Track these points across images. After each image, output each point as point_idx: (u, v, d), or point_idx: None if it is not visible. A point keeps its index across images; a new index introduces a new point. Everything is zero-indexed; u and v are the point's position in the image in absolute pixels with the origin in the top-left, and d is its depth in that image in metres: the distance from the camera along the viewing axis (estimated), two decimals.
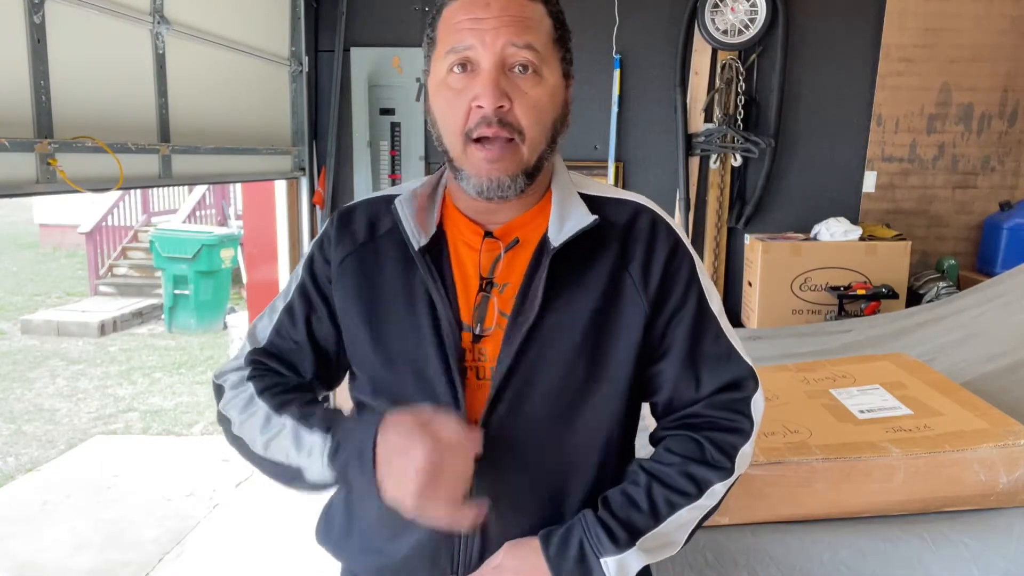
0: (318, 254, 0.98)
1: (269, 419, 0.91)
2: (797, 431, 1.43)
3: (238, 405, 0.95)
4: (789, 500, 1.31)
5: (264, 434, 0.90)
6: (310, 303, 0.98)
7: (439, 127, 0.88)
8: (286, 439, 0.88)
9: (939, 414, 1.45)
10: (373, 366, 0.94)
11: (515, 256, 0.92)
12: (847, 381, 1.69)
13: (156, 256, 7.14)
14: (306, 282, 0.98)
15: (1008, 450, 1.29)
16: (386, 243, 0.94)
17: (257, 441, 0.91)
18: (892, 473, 1.29)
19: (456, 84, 0.84)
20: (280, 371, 0.98)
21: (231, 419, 0.95)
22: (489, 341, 0.89)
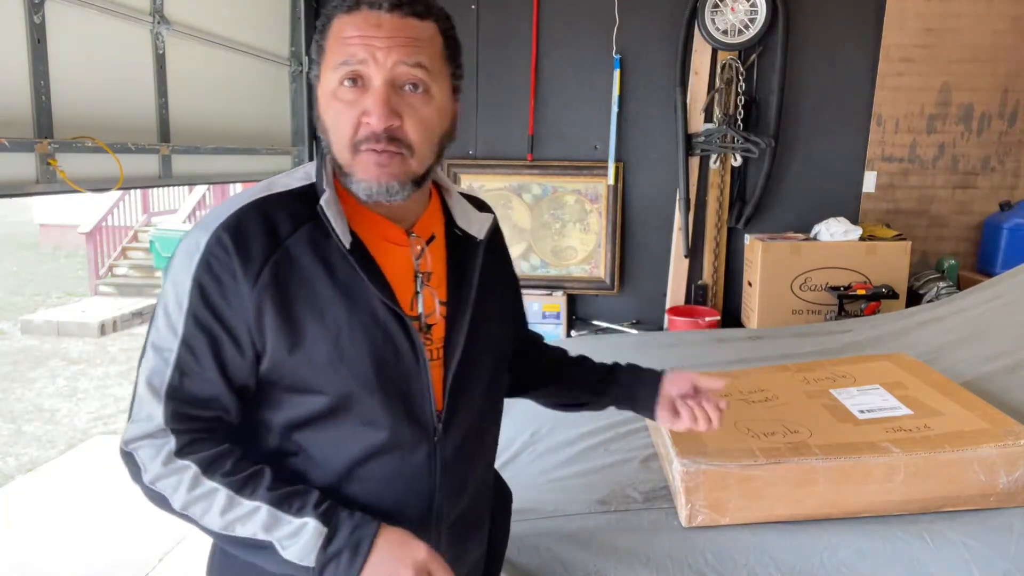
0: (209, 278, 0.87)
1: (233, 502, 0.86)
2: (797, 431, 1.43)
3: (179, 486, 0.87)
4: (789, 500, 1.31)
5: (226, 516, 0.86)
6: (212, 335, 0.88)
7: (329, 135, 0.91)
8: (258, 521, 0.86)
9: (939, 414, 1.45)
10: (325, 373, 0.90)
11: (431, 249, 1.01)
12: (847, 381, 1.69)
13: (156, 256, 7.15)
14: (199, 312, 0.87)
15: (1008, 450, 1.29)
16: (296, 247, 0.90)
17: (215, 521, 0.87)
18: (892, 473, 1.29)
19: (346, 97, 0.88)
20: (203, 428, 0.90)
21: (168, 498, 0.88)
22: (434, 327, 0.99)
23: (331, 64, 0.89)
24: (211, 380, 0.89)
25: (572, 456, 1.69)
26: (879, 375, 1.71)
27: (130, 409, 0.92)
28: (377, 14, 0.87)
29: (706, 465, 1.31)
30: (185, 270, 0.88)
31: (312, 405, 0.92)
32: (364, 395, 0.92)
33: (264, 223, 0.89)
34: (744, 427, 1.47)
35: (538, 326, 3.63)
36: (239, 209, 0.90)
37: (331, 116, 0.90)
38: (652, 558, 1.26)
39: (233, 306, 0.87)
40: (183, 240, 0.91)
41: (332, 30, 0.90)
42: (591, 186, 3.67)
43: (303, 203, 0.92)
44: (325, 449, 0.93)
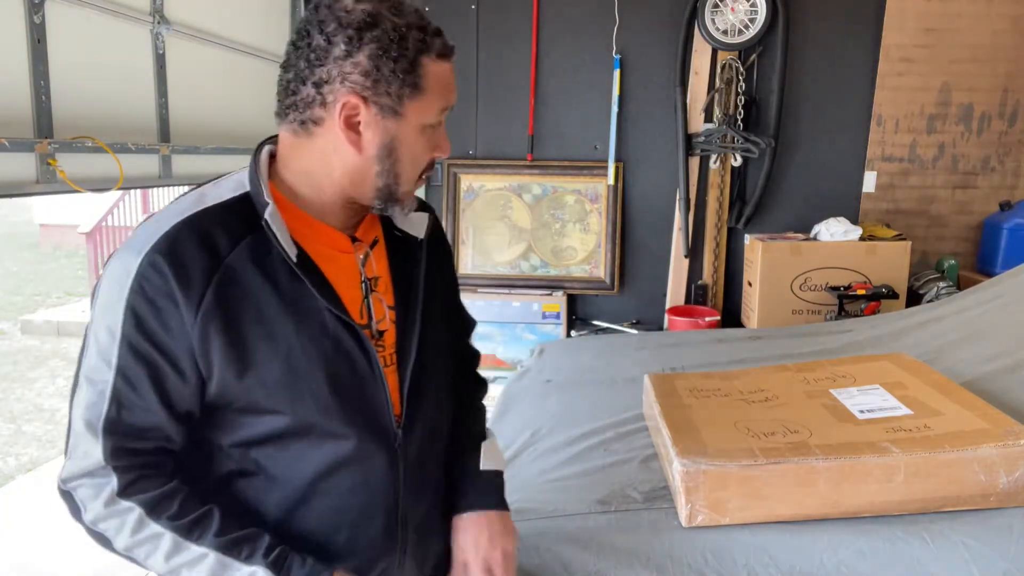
0: (144, 304, 0.83)
1: (179, 547, 0.84)
2: (797, 431, 1.43)
3: (122, 527, 0.84)
4: (789, 500, 1.31)
5: (171, 560, 0.84)
6: (149, 363, 0.84)
7: (403, 165, 0.92)
8: (204, 568, 0.84)
9: (939, 414, 1.45)
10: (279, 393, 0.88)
11: (374, 254, 1.01)
12: (847, 381, 1.69)
13: None
14: (134, 340, 0.83)
15: (1008, 450, 1.29)
16: (238, 264, 0.86)
17: (159, 565, 0.85)
18: (892, 473, 1.29)
19: (430, 134, 0.93)
20: (146, 462, 0.87)
21: (111, 539, 0.85)
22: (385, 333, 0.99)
23: (432, 106, 0.90)
24: (151, 410, 0.85)
25: (572, 456, 1.69)
26: (879, 375, 1.71)
27: (66, 444, 0.87)
28: (453, 60, 0.94)
29: (706, 465, 1.31)
30: (115, 296, 0.83)
31: (268, 425, 0.90)
32: (321, 410, 0.90)
33: (201, 241, 0.85)
34: (744, 427, 1.47)
35: (538, 326, 3.63)
36: (172, 228, 0.85)
37: (416, 150, 0.92)
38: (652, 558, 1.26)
39: (173, 332, 0.83)
40: (109, 264, 0.86)
41: (431, 71, 0.88)
42: (591, 186, 3.67)
43: (239, 216, 0.89)
44: (285, 466, 0.91)
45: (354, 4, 0.86)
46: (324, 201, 0.93)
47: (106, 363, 0.84)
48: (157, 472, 0.88)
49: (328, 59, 0.85)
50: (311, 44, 0.86)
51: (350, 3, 0.86)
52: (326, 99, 0.87)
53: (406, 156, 0.91)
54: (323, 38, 0.85)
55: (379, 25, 0.85)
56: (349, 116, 0.87)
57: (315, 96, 0.87)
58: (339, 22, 0.85)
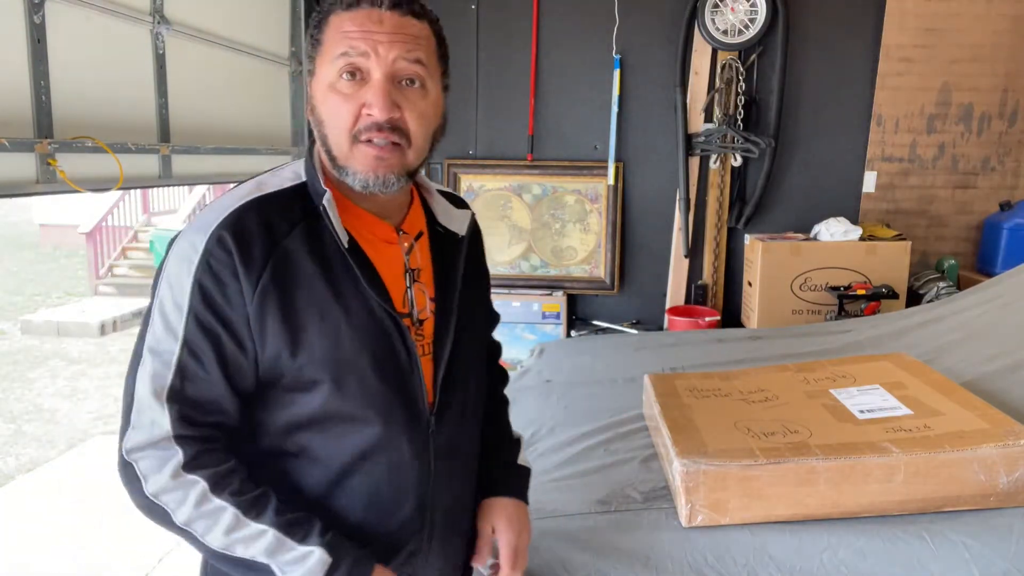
0: (210, 279, 0.86)
1: (240, 522, 0.87)
2: (797, 431, 1.43)
3: (185, 500, 0.86)
4: (789, 500, 1.31)
5: (231, 535, 0.86)
6: (215, 336, 0.87)
7: (325, 127, 0.93)
8: (262, 544, 0.87)
9: (939, 414, 1.45)
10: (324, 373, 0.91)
11: (418, 246, 1.04)
12: (847, 381, 1.69)
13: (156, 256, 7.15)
14: (201, 313, 0.87)
15: (1008, 450, 1.29)
16: (294, 245, 0.91)
17: (216, 539, 0.86)
18: (892, 473, 1.29)
19: (346, 89, 0.91)
20: (208, 436, 0.89)
21: (172, 512, 0.87)
22: (425, 323, 1.02)
23: (329, 57, 0.91)
24: (215, 382, 0.88)
25: (572, 456, 1.69)
26: (879, 375, 1.71)
27: (126, 416, 0.89)
28: (378, 11, 0.90)
29: (706, 465, 1.31)
30: (184, 271, 0.87)
31: (311, 404, 0.92)
32: (363, 393, 0.93)
33: (262, 223, 0.90)
34: (744, 427, 1.48)
35: (538, 326, 3.63)
36: (236, 209, 0.90)
37: (328, 108, 0.92)
38: (652, 558, 1.26)
39: (235, 307, 0.87)
40: (176, 243, 0.90)
41: (331, 25, 0.92)
42: (591, 186, 3.67)
43: (296, 202, 0.93)
44: (325, 447, 0.94)
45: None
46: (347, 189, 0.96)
47: (172, 335, 0.87)
48: (217, 447, 0.90)
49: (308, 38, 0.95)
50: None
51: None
52: None
53: (324, 114, 0.92)
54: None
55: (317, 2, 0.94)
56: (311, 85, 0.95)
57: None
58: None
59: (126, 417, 0.89)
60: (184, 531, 0.87)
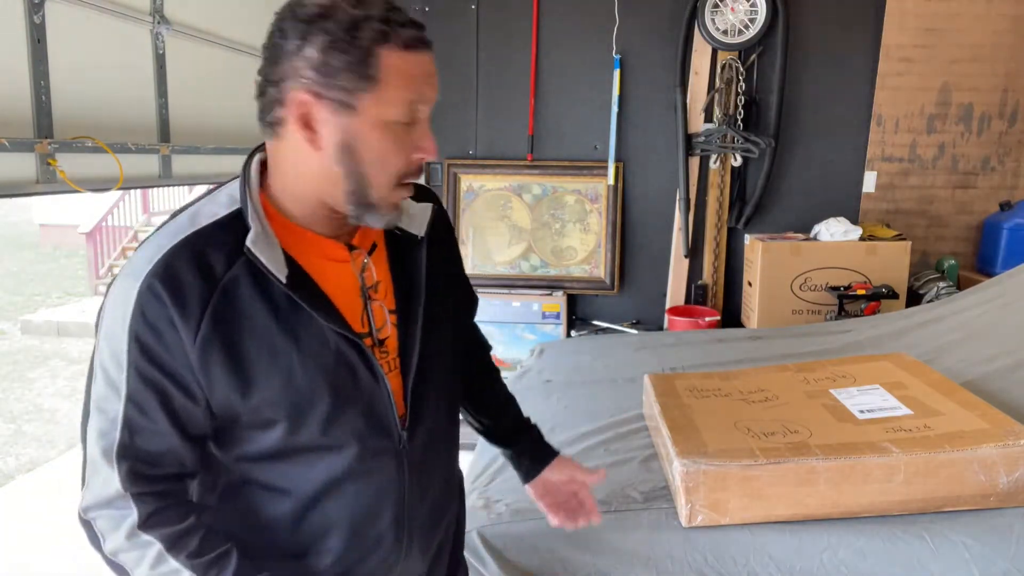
0: (146, 329, 0.82)
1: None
2: (797, 431, 1.43)
3: (141, 561, 0.84)
4: (789, 500, 1.31)
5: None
6: (158, 388, 0.83)
7: (367, 166, 0.85)
8: None
9: (939, 414, 1.45)
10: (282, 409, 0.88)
11: (373, 259, 0.98)
12: (847, 381, 1.69)
13: None
14: (141, 367, 0.82)
15: (1008, 450, 1.29)
16: (233, 286, 0.85)
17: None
18: (892, 473, 1.29)
19: (401, 132, 0.85)
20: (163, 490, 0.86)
21: (129, 571, 0.86)
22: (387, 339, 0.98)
23: (390, 98, 0.83)
24: (163, 434, 0.85)
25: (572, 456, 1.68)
26: (879, 375, 1.71)
27: (83, 474, 0.88)
28: (428, 53, 0.86)
29: (706, 465, 1.31)
30: (119, 323, 0.82)
31: (272, 439, 0.89)
32: (324, 424, 0.90)
33: (196, 265, 0.83)
34: (744, 427, 1.47)
35: (538, 326, 3.63)
36: (167, 253, 0.83)
37: (382, 149, 0.85)
38: (652, 558, 1.26)
39: (176, 356, 0.83)
40: (110, 291, 0.86)
41: (384, 61, 0.81)
42: (591, 186, 3.67)
43: (233, 234, 0.86)
44: (292, 478, 0.92)
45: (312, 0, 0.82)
46: (307, 210, 0.90)
47: (115, 391, 0.84)
48: (175, 502, 0.87)
49: (282, 56, 0.82)
50: (271, 43, 0.84)
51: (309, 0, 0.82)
52: (284, 98, 0.83)
53: (369, 156, 0.84)
54: (279, 35, 0.83)
55: (331, 17, 0.80)
56: (303, 114, 0.83)
57: (275, 96, 0.84)
58: (294, 16, 0.82)
59: (83, 474, 0.88)
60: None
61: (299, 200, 0.89)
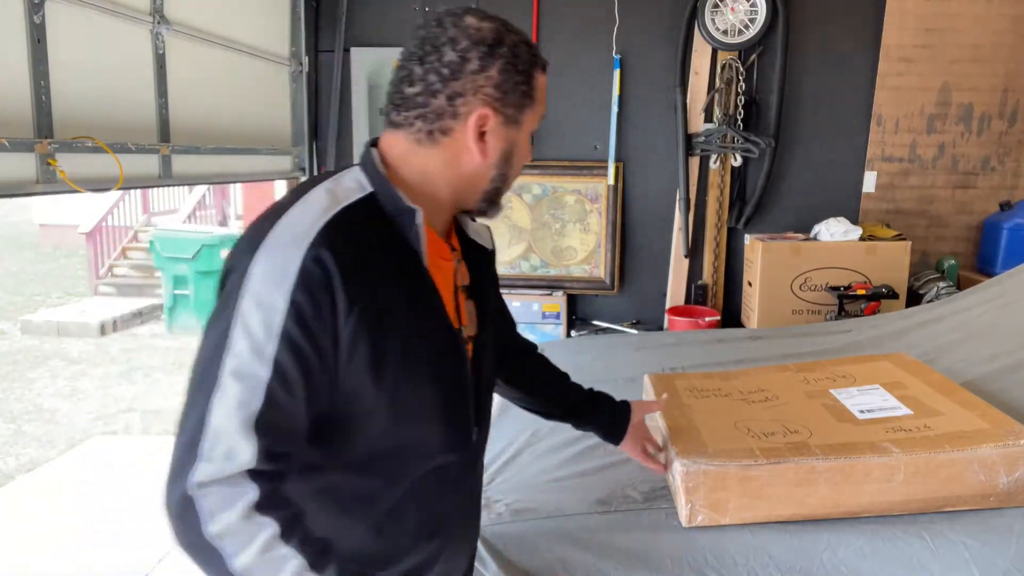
0: (307, 299, 0.81)
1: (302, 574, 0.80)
2: (797, 431, 1.43)
3: (250, 544, 0.78)
4: (789, 500, 1.31)
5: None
6: (306, 361, 0.82)
7: (511, 169, 1.00)
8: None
9: (939, 414, 1.45)
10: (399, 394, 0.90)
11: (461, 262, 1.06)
12: (847, 381, 1.69)
13: (156, 256, 7.14)
14: (296, 336, 0.81)
15: (1008, 450, 1.29)
16: (380, 265, 0.88)
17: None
18: (892, 473, 1.29)
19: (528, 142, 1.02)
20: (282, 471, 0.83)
21: (228, 556, 0.78)
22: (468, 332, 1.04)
23: (538, 114, 0.99)
24: (299, 412, 0.83)
25: (572, 456, 1.69)
26: (879, 375, 1.71)
27: (191, 448, 0.79)
28: None
29: (706, 465, 1.31)
30: (276, 290, 0.81)
31: (380, 427, 0.91)
32: (432, 414, 0.96)
33: (355, 240, 0.86)
34: (744, 427, 1.47)
35: (538, 326, 3.63)
36: (327, 225, 0.85)
37: (524, 155, 1.01)
38: (652, 558, 1.26)
39: (327, 329, 0.83)
40: (263, 257, 0.83)
41: (538, 84, 0.98)
42: (591, 186, 3.67)
43: (373, 216, 0.90)
44: (392, 468, 0.95)
45: (479, 22, 0.93)
46: (435, 206, 0.97)
47: (260, 358, 0.80)
48: (286, 486, 0.83)
49: (463, 74, 0.91)
50: (443, 59, 0.91)
51: (475, 22, 0.93)
52: (458, 110, 0.92)
53: (518, 161, 1.00)
54: (456, 54, 0.91)
55: (504, 42, 0.93)
56: (480, 127, 0.93)
57: (447, 108, 0.92)
58: (471, 39, 0.91)
59: (190, 449, 0.79)
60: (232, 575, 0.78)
61: (432, 196, 0.97)
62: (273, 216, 0.87)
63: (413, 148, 0.95)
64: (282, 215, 0.87)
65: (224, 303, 0.84)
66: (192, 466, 0.78)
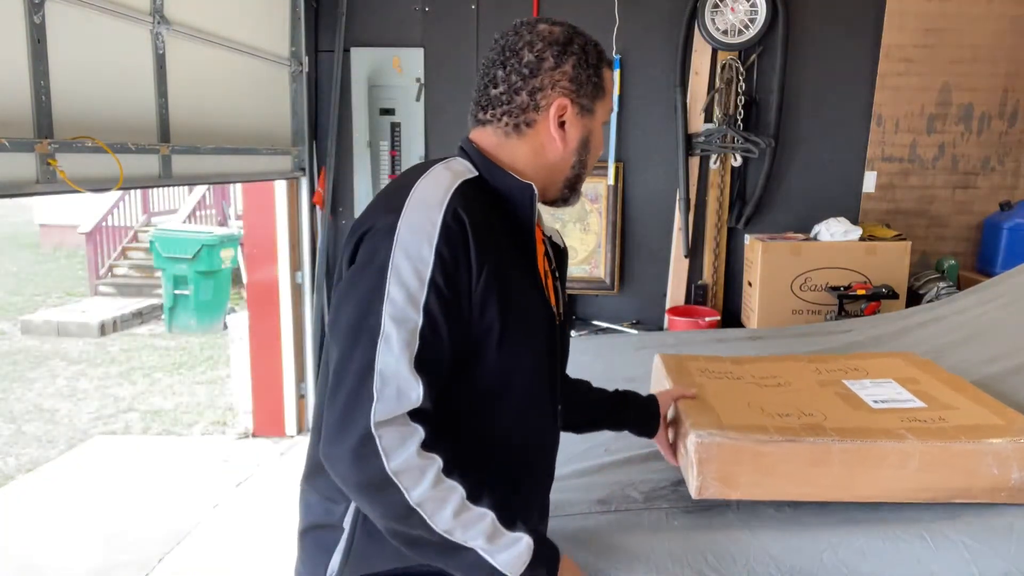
0: (449, 252, 0.92)
1: (464, 504, 0.90)
2: (812, 414, 1.43)
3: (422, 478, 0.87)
4: (801, 479, 1.30)
5: (459, 516, 0.89)
6: (450, 308, 0.92)
7: (589, 155, 1.11)
8: (481, 527, 0.90)
9: (953, 408, 1.44)
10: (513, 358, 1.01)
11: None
12: (859, 374, 1.68)
13: (156, 256, 7.14)
14: (441, 284, 0.91)
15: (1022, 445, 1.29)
16: (499, 227, 1.01)
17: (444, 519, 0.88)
18: (907, 459, 1.28)
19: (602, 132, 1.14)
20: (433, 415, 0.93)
21: (406, 490, 0.87)
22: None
23: (607, 106, 1.11)
24: (445, 355, 0.93)
25: (572, 456, 1.69)
26: (891, 370, 1.70)
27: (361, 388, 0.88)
28: None
29: (721, 438, 1.30)
30: (424, 243, 0.91)
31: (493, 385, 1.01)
32: (535, 378, 1.06)
33: (480, 205, 0.98)
34: (758, 407, 1.46)
35: None
36: (459, 189, 0.97)
37: (599, 143, 1.13)
38: (652, 558, 1.26)
39: (463, 281, 0.93)
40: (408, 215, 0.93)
41: (607, 77, 1.10)
42: (591, 186, 3.67)
43: (487, 192, 1.03)
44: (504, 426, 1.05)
45: (550, 27, 1.05)
46: None
47: (415, 306, 0.90)
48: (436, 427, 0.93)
49: (541, 71, 1.04)
50: (523, 61, 1.04)
51: (547, 27, 1.05)
52: (539, 104, 1.04)
53: (595, 149, 1.11)
54: (533, 55, 1.03)
55: (574, 41, 1.06)
56: (560, 116, 1.05)
57: (529, 102, 1.04)
58: (545, 41, 1.04)
59: (360, 392, 0.88)
60: (411, 512, 0.87)
61: None
62: (407, 185, 0.98)
63: (502, 141, 1.07)
64: (414, 185, 0.98)
65: (370, 257, 0.93)
66: (369, 406, 0.87)
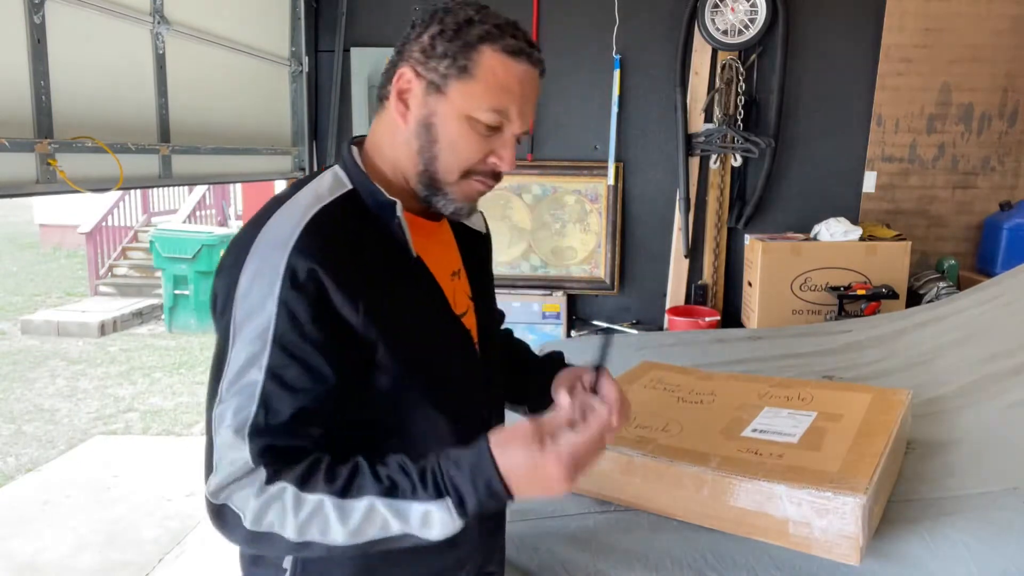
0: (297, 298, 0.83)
1: (343, 508, 0.81)
2: (671, 431, 1.47)
3: (285, 513, 0.80)
4: (614, 484, 1.40)
5: (348, 524, 0.80)
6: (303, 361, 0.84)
7: (439, 148, 0.91)
8: (378, 518, 0.81)
9: (819, 450, 1.36)
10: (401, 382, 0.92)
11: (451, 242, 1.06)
12: (796, 403, 1.61)
13: (156, 256, 7.14)
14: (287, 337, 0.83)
15: (815, 498, 1.21)
16: (368, 257, 0.89)
17: (339, 533, 0.80)
18: (701, 485, 1.30)
19: (482, 132, 0.91)
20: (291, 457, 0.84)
21: (278, 533, 0.81)
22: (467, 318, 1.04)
23: (480, 98, 0.89)
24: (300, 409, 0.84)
25: None
26: (837, 406, 1.58)
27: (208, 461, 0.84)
28: (534, 72, 0.92)
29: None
30: (266, 295, 0.82)
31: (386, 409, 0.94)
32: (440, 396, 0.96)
33: (337, 235, 0.87)
34: (655, 418, 1.53)
35: (538, 326, 3.63)
36: (310, 221, 0.86)
37: (457, 138, 0.91)
38: (652, 558, 1.26)
39: (324, 322, 0.84)
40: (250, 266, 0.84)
41: (485, 59, 0.88)
42: (591, 186, 3.67)
43: (356, 211, 0.91)
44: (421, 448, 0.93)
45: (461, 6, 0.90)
46: (402, 185, 0.96)
47: (257, 366, 0.82)
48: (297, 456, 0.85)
49: (407, 40, 0.92)
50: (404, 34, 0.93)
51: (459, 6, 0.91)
52: (392, 73, 0.92)
53: (444, 138, 0.90)
54: (413, 24, 0.92)
55: (452, 12, 0.89)
56: (402, 89, 0.91)
57: (389, 72, 0.93)
58: (429, 12, 0.91)
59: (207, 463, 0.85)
60: (301, 544, 0.81)
61: (395, 170, 0.96)
62: (259, 222, 0.89)
63: (375, 124, 0.97)
64: (268, 221, 0.88)
65: (221, 311, 0.87)
66: (208, 479, 0.84)
